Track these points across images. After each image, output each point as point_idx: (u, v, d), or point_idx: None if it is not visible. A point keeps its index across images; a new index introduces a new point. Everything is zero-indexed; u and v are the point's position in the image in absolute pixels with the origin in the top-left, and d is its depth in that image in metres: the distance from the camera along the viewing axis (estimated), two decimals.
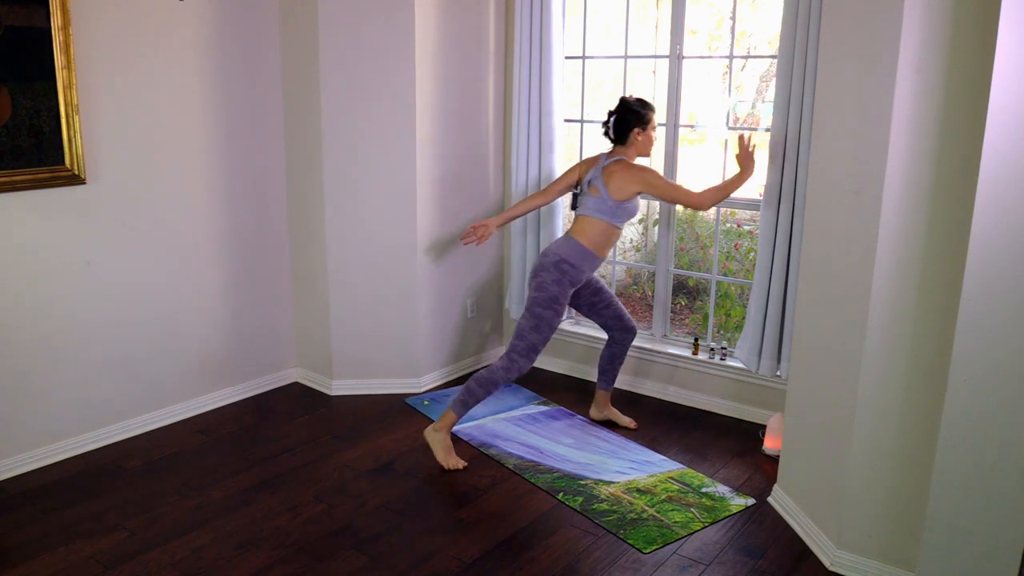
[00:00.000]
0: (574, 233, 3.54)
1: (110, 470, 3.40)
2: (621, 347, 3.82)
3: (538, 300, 3.45)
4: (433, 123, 4.07)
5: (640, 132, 3.52)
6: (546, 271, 3.47)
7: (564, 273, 3.46)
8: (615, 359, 3.83)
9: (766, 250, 3.60)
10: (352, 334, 4.16)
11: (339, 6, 3.81)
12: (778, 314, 3.60)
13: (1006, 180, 2.15)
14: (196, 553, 2.83)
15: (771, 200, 3.54)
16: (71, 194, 3.34)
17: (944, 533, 2.41)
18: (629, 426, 3.85)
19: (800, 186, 3.41)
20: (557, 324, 3.49)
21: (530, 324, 3.44)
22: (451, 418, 3.44)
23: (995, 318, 2.22)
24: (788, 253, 3.53)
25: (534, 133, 4.21)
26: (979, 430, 2.30)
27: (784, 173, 3.47)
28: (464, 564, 2.80)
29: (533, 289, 3.49)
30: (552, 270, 3.46)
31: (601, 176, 3.51)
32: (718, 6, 6.03)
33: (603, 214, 3.49)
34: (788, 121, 3.42)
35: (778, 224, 3.54)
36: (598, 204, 3.49)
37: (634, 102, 3.52)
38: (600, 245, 3.53)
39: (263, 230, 4.11)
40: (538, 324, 3.43)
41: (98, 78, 3.35)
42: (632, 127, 3.51)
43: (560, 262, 3.47)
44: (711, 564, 2.82)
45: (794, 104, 3.39)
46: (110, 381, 3.59)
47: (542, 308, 3.44)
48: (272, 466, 3.45)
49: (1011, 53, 2.09)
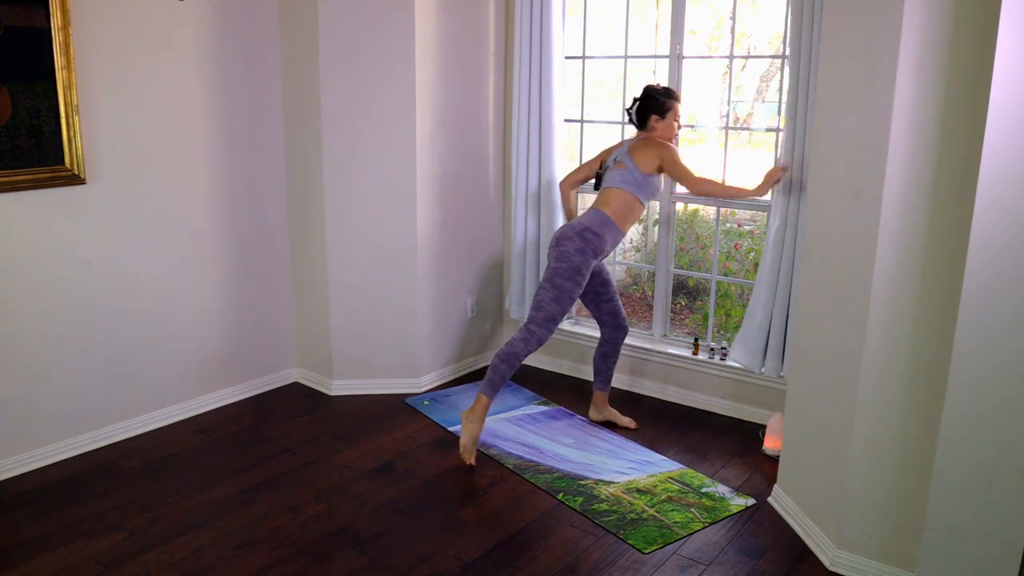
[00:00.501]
0: (598, 204, 3.58)
1: (110, 470, 3.40)
2: (612, 346, 3.83)
3: (559, 271, 3.42)
4: (433, 123, 4.08)
5: (658, 119, 3.59)
6: (568, 240, 3.45)
7: (587, 242, 3.45)
8: (607, 358, 3.85)
9: (767, 249, 3.60)
10: (352, 334, 4.16)
11: (339, 6, 3.81)
12: (778, 314, 3.60)
13: (1006, 180, 2.15)
14: (196, 553, 2.83)
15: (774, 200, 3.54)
16: (71, 194, 3.34)
17: (944, 533, 2.41)
18: (629, 426, 3.85)
19: (802, 186, 3.41)
20: (577, 296, 3.47)
21: (550, 295, 3.41)
22: (484, 402, 3.43)
23: (995, 318, 2.22)
24: (792, 252, 3.53)
25: (534, 133, 4.21)
26: (979, 430, 2.30)
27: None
28: (464, 564, 2.80)
29: (554, 259, 3.45)
30: (575, 239, 3.45)
31: (627, 152, 3.60)
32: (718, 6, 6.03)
33: (629, 184, 3.53)
34: (790, 121, 3.42)
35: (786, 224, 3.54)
36: (624, 176, 3.54)
37: (658, 90, 3.62)
38: (623, 217, 3.54)
39: (263, 230, 4.11)
40: (558, 295, 3.41)
41: (98, 78, 3.35)
42: (651, 113, 3.60)
43: (584, 230, 3.47)
44: (711, 564, 2.82)
45: (799, 104, 3.38)
46: (110, 381, 3.59)
47: (563, 279, 3.41)
48: (272, 466, 3.45)
49: (1011, 53, 2.09)
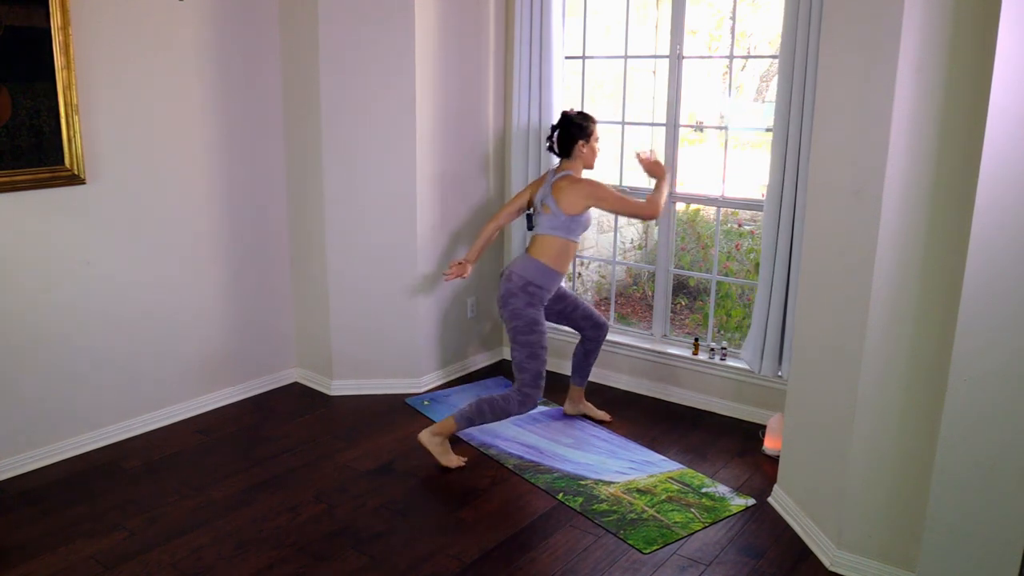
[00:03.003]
0: (533, 253, 3.57)
1: (110, 470, 3.40)
2: (595, 343, 3.88)
3: (519, 329, 3.48)
4: (433, 123, 4.08)
5: (584, 144, 3.57)
6: (515, 297, 3.50)
7: (532, 295, 3.50)
8: (589, 355, 3.90)
9: (768, 250, 3.61)
10: (352, 334, 4.16)
11: (339, 6, 3.81)
12: (781, 314, 3.60)
13: (1006, 180, 2.15)
14: (196, 553, 2.83)
15: (773, 200, 3.54)
16: (71, 194, 3.34)
17: (944, 533, 2.41)
18: (604, 419, 3.90)
19: (802, 186, 3.41)
20: (546, 341, 3.52)
21: (524, 353, 3.46)
22: (451, 427, 3.44)
23: (995, 318, 2.22)
24: (790, 252, 3.53)
25: (534, 133, 4.21)
26: (979, 430, 2.30)
27: (786, 173, 3.47)
28: (464, 564, 2.80)
29: (508, 318, 3.51)
30: (521, 295, 3.49)
31: (551, 193, 3.55)
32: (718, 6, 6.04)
33: (557, 230, 3.53)
34: (790, 121, 3.42)
35: (780, 224, 3.54)
36: (552, 221, 3.54)
37: (575, 115, 3.58)
38: (560, 262, 3.57)
39: (263, 230, 4.11)
40: (531, 351, 3.46)
41: (98, 78, 3.35)
42: (576, 140, 3.56)
43: (526, 285, 3.50)
44: (711, 564, 2.82)
45: (795, 104, 3.39)
46: (110, 381, 3.59)
47: (526, 335, 3.47)
48: (272, 466, 3.45)
49: (1011, 53, 2.09)
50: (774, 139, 3.49)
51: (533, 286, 3.50)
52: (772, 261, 3.60)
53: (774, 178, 3.52)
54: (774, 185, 3.53)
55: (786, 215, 3.50)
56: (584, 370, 3.91)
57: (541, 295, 3.53)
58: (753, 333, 3.73)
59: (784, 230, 3.52)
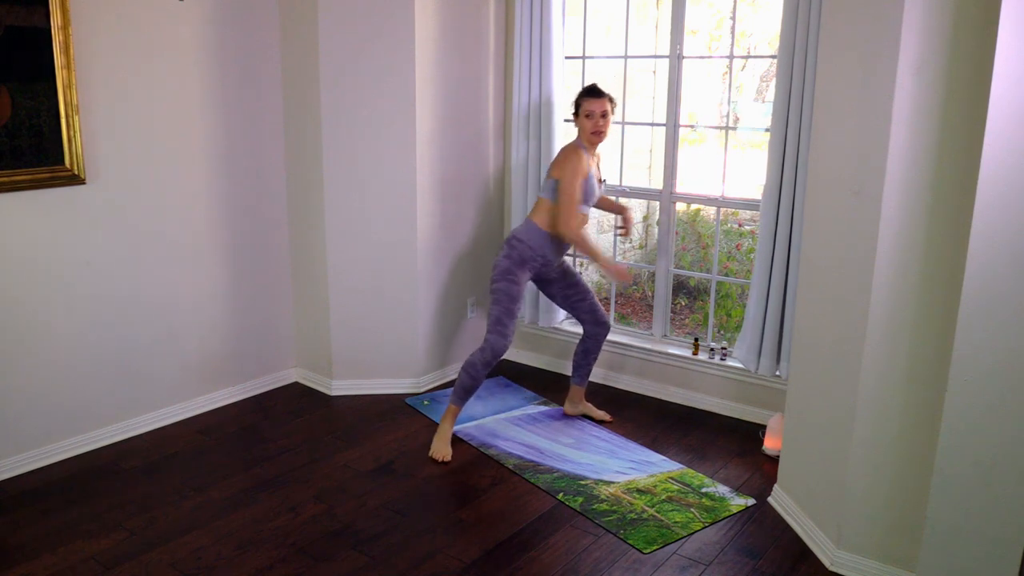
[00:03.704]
0: (529, 214, 3.75)
1: (110, 470, 3.40)
2: (595, 342, 3.89)
3: (493, 278, 3.65)
4: (433, 123, 4.07)
5: (576, 118, 3.66)
6: (500, 252, 3.68)
7: (513, 248, 3.62)
8: (589, 354, 3.90)
9: (765, 250, 3.61)
10: (352, 334, 4.16)
11: (339, 6, 3.81)
12: (778, 314, 3.61)
13: (1006, 180, 2.15)
14: (196, 553, 2.83)
15: (770, 199, 3.55)
16: (71, 194, 3.34)
17: (944, 533, 2.41)
18: (605, 419, 3.91)
19: (800, 186, 3.41)
20: (517, 295, 3.60)
21: (491, 300, 3.63)
22: (451, 410, 3.58)
23: (995, 318, 2.22)
24: (788, 252, 3.53)
25: (534, 133, 4.21)
26: (979, 430, 2.30)
27: (784, 173, 3.48)
28: (464, 564, 2.80)
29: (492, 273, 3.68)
30: (504, 247, 3.66)
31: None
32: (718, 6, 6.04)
33: (545, 192, 3.66)
34: (788, 121, 3.42)
35: (778, 224, 3.54)
36: (544, 183, 3.68)
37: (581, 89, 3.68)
38: (547, 221, 3.64)
39: (263, 230, 4.11)
40: (496, 297, 3.59)
41: (98, 78, 3.35)
42: (574, 114, 3.67)
43: (510, 238, 3.67)
44: (711, 564, 2.82)
45: (794, 104, 3.39)
46: (110, 381, 3.59)
47: (495, 282, 3.62)
48: (272, 466, 3.45)
49: (1011, 53, 2.09)
50: (771, 139, 3.50)
51: (515, 239, 3.64)
52: (769, 260, 3.61)
53: (771, 177, 3.53)
54: (771, 184, 3.53)
55: (784, 214, 3.51)
56: (584, 369, 3.92)
57: (521, 249, 3.61)
58: (746, 331, 3.74)
59: (782, 229, 3.53)
